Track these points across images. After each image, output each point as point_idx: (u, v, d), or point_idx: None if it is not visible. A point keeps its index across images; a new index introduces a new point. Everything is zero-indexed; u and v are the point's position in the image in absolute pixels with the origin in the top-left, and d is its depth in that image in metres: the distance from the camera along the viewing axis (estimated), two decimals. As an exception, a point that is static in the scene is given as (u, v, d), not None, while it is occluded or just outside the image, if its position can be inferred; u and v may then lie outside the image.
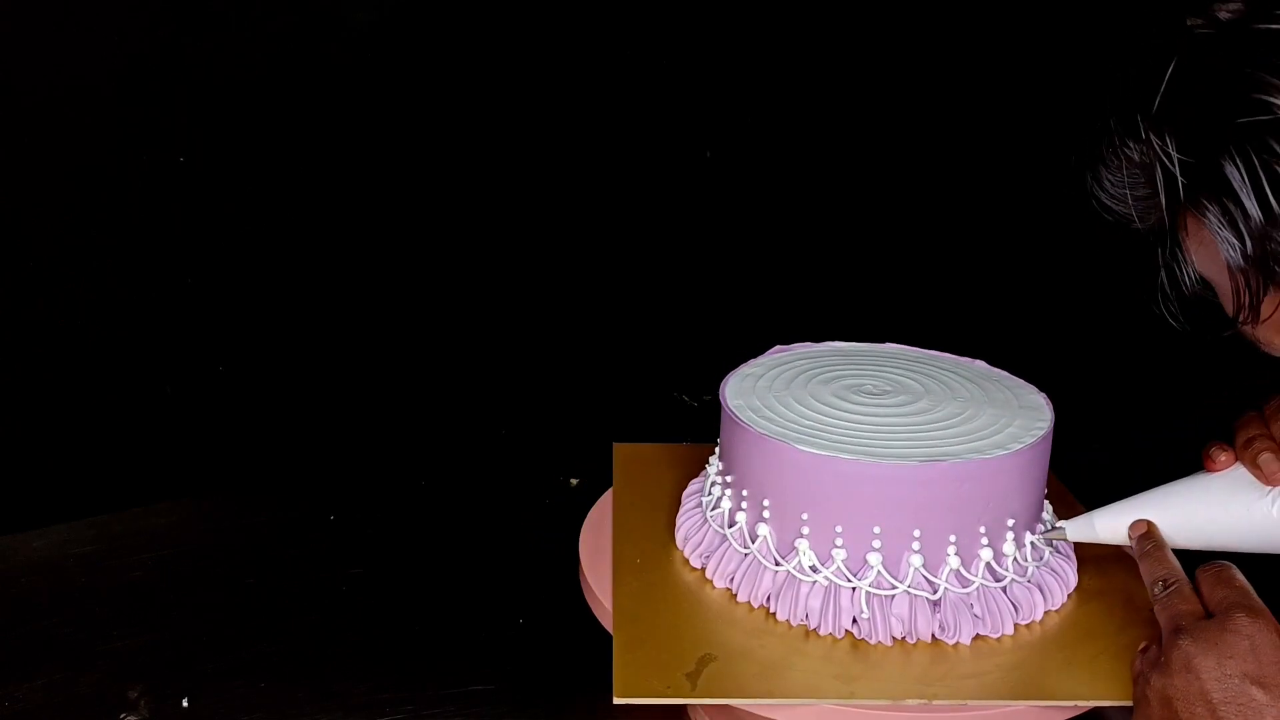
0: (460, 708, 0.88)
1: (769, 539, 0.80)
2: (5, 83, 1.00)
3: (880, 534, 0.76)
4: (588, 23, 1.23)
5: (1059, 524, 0.81)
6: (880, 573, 0.77)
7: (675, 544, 0.88)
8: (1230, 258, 0.61)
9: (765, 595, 0.80)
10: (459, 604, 1.01)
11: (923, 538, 0.76)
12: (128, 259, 1.10)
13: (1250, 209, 0.59)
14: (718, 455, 0.87)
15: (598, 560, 0.87)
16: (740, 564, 0.81)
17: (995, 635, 0.78)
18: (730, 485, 0.83)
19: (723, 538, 0.83)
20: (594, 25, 1.24)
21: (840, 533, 0.77)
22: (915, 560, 0.76)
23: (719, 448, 0.87)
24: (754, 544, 0.80)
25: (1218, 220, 0.60)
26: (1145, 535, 0.77)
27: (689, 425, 1.11)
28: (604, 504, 0.95)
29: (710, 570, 0.84)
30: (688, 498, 0.90)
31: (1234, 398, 0.80)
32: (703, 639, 0.78)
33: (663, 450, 1.02)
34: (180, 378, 1.15)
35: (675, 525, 0.89)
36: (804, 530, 0.78)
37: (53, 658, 0.92)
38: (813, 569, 0.78)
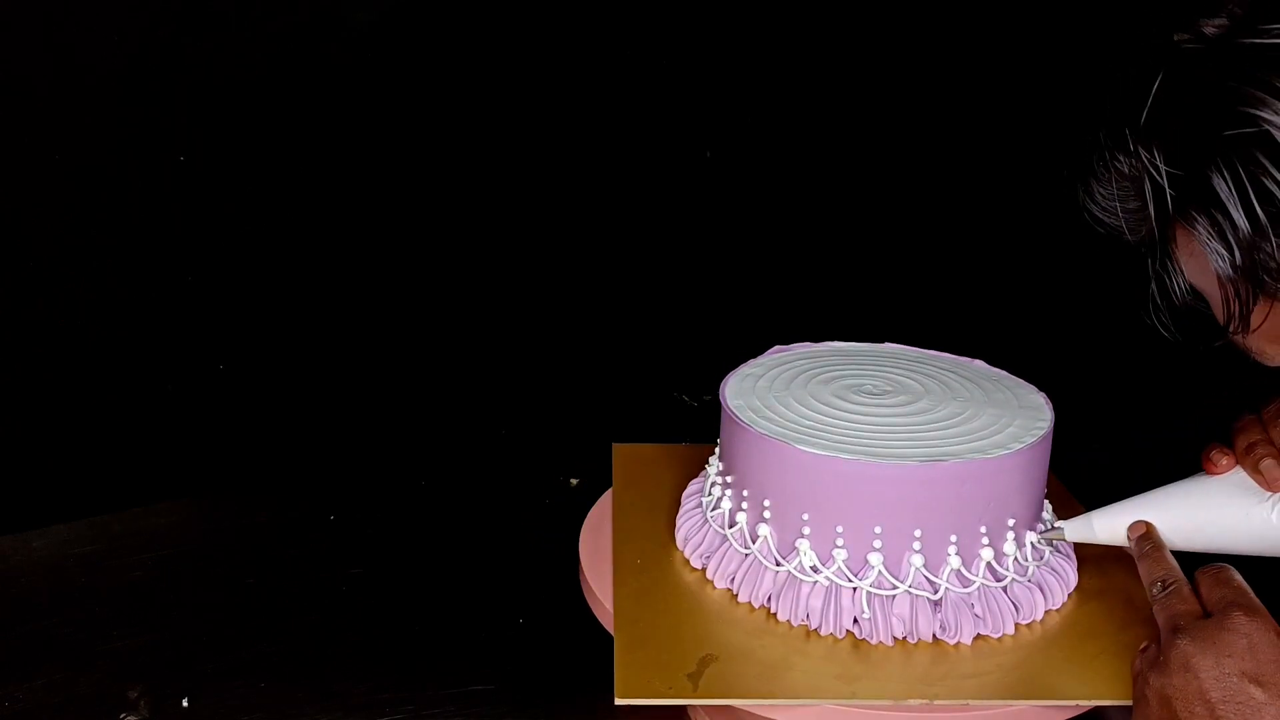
0: (460, 708, 0.88)
1: (769, 539, 0.80)
2: (5, 83, 1.00)
3: (881, 534, 0.76)
4: (588, 23, 1.23)
5: (1057, 524, 0.81)
6: (881, 573, 0.77)
7: (675, 544, 0.88)
8: (1219, 268, 0.61)
9: (766, 595, 0.80)
10: (459, 604, 1.01)
11: (923, 538, 0.76)
12: (128, 259, 1.10)
13: (1238, 220, 0.59)
14: (718, 455, 0.87)
15: (598, 560, 0.87)
16: (741, 564, 0.81)
17: (996, 635, 0.78)
18: (730, 485, 0.83)
19: (723, 538, 0.83)
20: (594, 25, 1.24)
21: (841, 533, 0.77)
22: (916, 560, 0.76)
23: (719, 448, 0.87)
24: (754, 544, 0.80)
25: (1206, 232, 0.61)
26: (1144, 536, 0.77)
27: (689, 425, 1.11)
28: (604, 504, 0.95)
29: (711, 570, 0.84)
30: (688, 498, 0.90)
31: (1234, 398, 0.80)
32: (704, 639, 0.78)
33: (663, 450, 1.02)
34: (181, 377, 1.15)
35: (675, 525, 0.89)
36: (805, 530, 0.78)
37: (53, 658, 0.92)
38: (813, 569, 0.78)
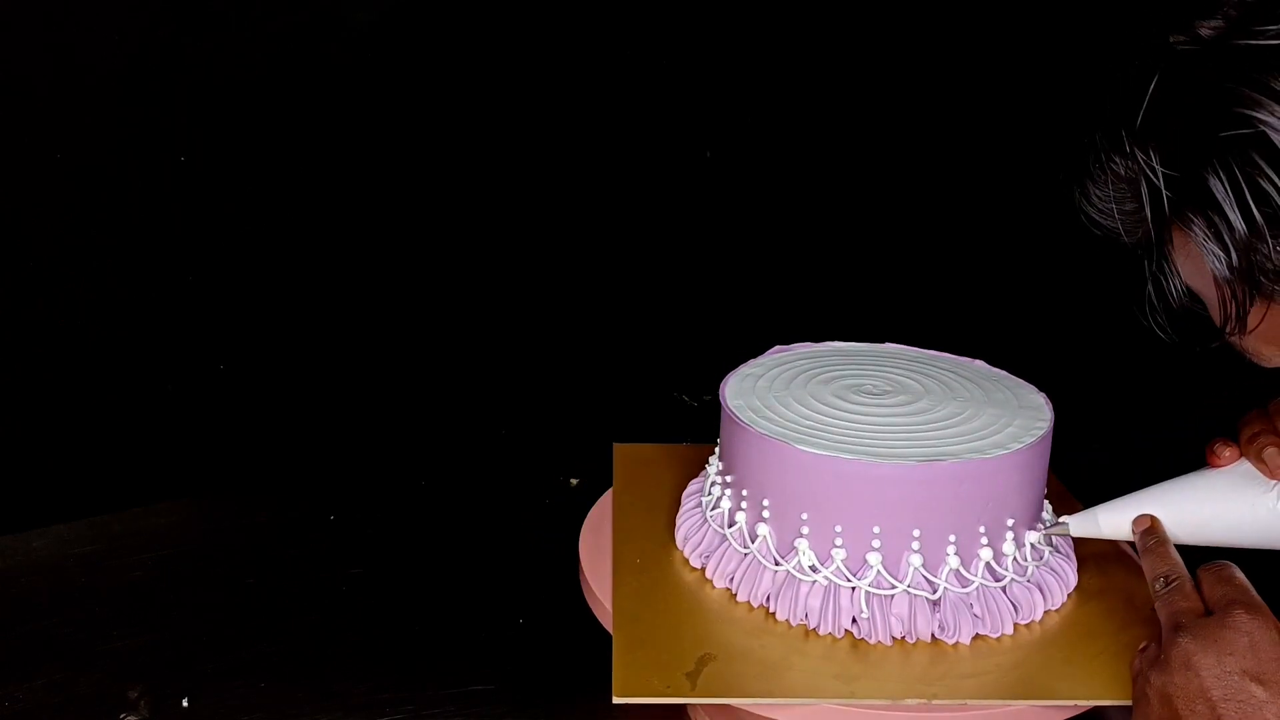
0: (460, 708, 0.88)
1: (769, 539, 0.80)
2: (5, 83, 1.00)
3: (880, 534, 0.76)
4: (588, 23, 1.23)
5: (1062, 519, 0.81)
6: (880, 572, 0.77)
7: (675, 544, 0.88)
8: (1216, 270, 0.61)
9: (765, 595, 0.80)
10: (459, 604, 1.01)
11: (922, 537, 0.76)
12: (128, 259, 1.10)
13: (1234, 221, 0.59)
14: (718, 455, 0.87)
15: (598, 560, 0.87)
16: (740, 564, 0.81)
17: (995, 635, 0.78)
18: (730, 485, 0.83)
19: (722, 538, 0.83)
20: (594, 25, 1.24)
21: (840, 532, 0.77)
22: (915, 560, 0.76)
23: (719, 448, 0.87)
24: (754, 544, 0.80)
25: (1203, 233, 0.61)
26: (1148, 531, 0.77)
27: (689, 425, 1.11)
28: (604, 504, 0.95)
29: (710, 570, 0.84)
30: (688, 498, 0.90)
31: (1234, 398, 0.80)
32: (702, 639, 0.78)
33: (663, 450, 1.02)
34: (181, 377, 1.15)
35: (675, 525, 0.89)
36: (804, 530, 0.78)
37: (53, 658, 0.92)
38: (812, 569, 0.78)
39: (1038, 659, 0.77)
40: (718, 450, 0.87)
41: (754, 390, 0.87)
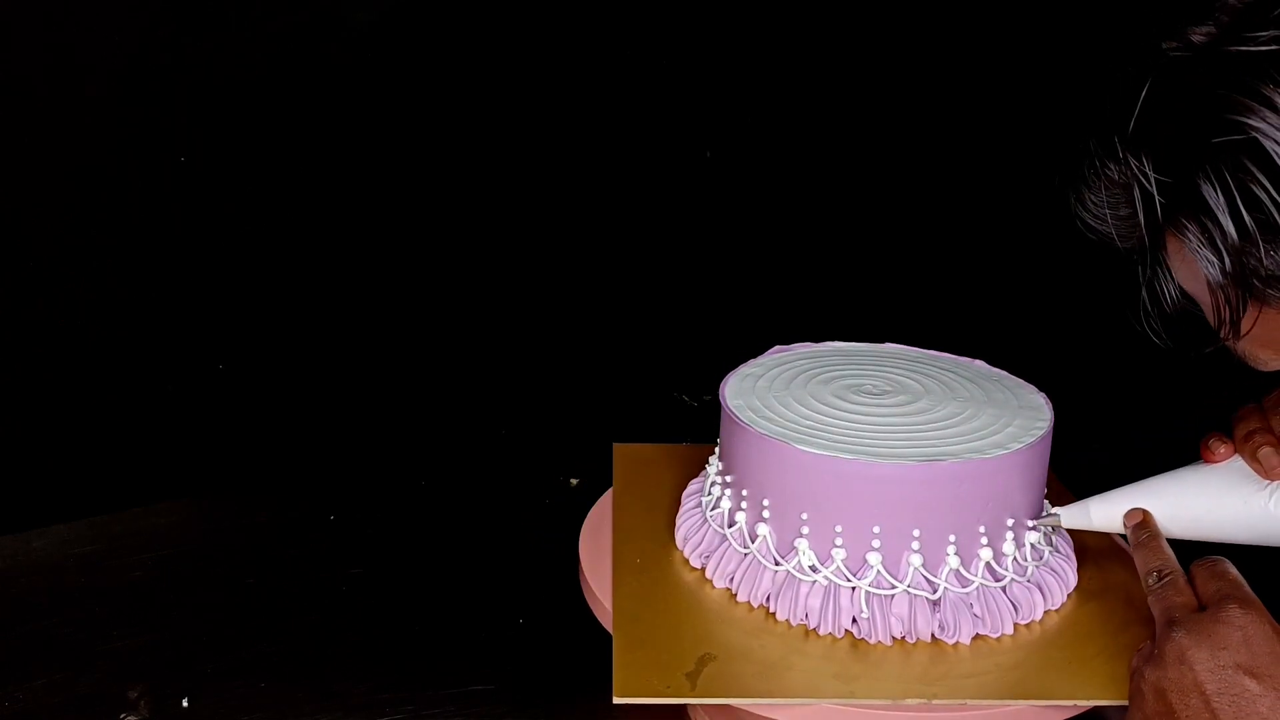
0: (460, 708, 0.88)
1: (769, 539, 0.80)
2: (5, 83, 1.00)
3: (880, 534, 0.76)
4: (588, 23, 1.23)
5: (1054, 510, 0.81)
6: (880, 572, 0.77)
7: (675, 544, 0.88)
8: (1210, 275, 0.62)
9: (765, 595, 0.80)
10: (459, 604, 1.01)
11: (922, 537, 0.76)
12: (128, 259, 1.10)
13: (1227, 227, 0.60)
14: (717, 455, 0.87)
15: (598, 560, 0.87)
16: (740, 564, 0.81)
17: (995, 635, 0.78)
18: (730, 485, 0.83)
19: (722, 538, 0.83)
20: (594, 25, 1.24)
21: (840, 532, 0.77)
22: (915, 560, 0.76)
23: (719, 448, 0.87)
24: (754, 544, 0.80)
25: (1196, 239, 0.62)
26: (1140, 525, 0.77)
27: (689, 425, 1.11)
28: (604, 504, 0.95)
29: (710, 570, 0.84)
30: (687, 498, 0.90)
31: (1234, 398, 0.80)
32: (702, 639, 0.78)
33: (663, 450, 1.02)
34: (181, 377, 1.15)
35: (675, 525, 0.89)
36: (804, 530, 0.78)
37: (53, 658, 0.92)
38: (812, 569, 0.78)
39: (1038, 659, 0.77)
40: (718, 450, 0.87)
41: (754, 390, 0.87)
